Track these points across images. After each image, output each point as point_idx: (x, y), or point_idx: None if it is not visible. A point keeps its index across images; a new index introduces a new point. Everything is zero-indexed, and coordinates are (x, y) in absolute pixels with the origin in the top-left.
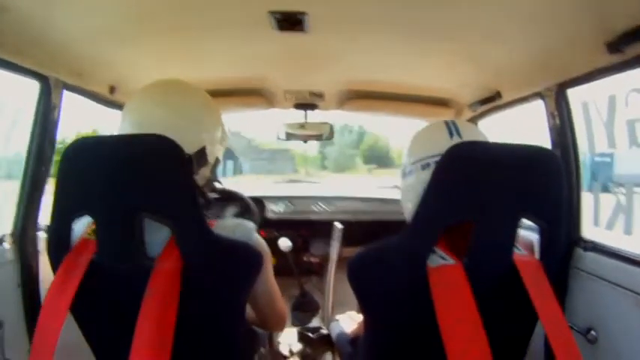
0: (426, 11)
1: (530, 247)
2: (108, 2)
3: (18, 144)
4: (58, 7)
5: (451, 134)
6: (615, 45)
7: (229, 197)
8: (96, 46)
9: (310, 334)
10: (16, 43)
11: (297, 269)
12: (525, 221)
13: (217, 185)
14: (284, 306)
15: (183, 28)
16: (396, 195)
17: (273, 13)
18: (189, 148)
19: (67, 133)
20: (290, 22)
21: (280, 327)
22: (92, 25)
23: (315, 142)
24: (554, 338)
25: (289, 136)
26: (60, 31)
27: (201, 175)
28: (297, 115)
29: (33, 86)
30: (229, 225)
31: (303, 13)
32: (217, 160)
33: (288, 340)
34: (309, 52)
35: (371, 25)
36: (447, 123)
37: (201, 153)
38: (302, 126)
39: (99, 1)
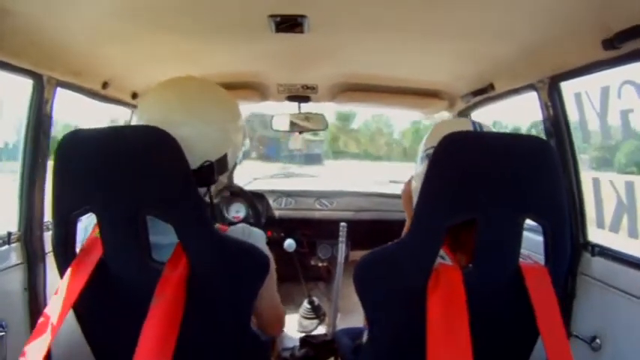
0: (421, 6)
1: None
2: (103, 3)
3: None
4: (52, 8)
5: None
6: (611, 42)
7: (233, 194)
8: (91, 45)
9: (314, 340)
10: (11, 44)
11: (304, 274)
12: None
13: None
14: (283, 310)
15: (178, 28)
16: (395, 190)
17: (273, 16)
18: (213, 155)
19: None
20: (289, 24)
21: (278, 331)
22: (88, 24)
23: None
24: (552, 350)
25: (285, 127)
26: (55, 32)
27: (219, 182)
28: (291, 107)
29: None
30: (239, 231)
31: (303, 17)
32: (235, 166)
33: (291, 346)
34: (306, 50)
35: (367, 24)
36: (473, 121)
37: (223, 160)
38: (297, 117)
39: (94, 2)
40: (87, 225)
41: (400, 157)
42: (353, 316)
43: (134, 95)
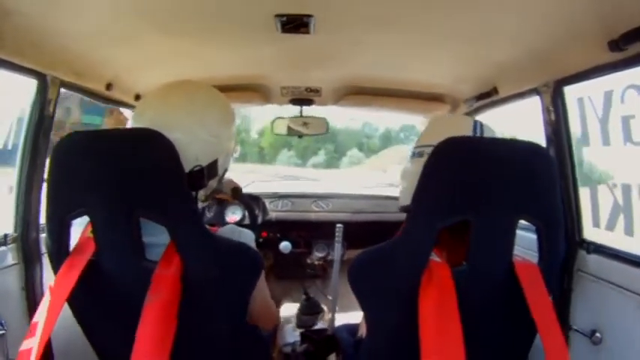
0: (425, 9)
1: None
2: (108, 4)
3: None
4: (57, 9)
5: (475, 132)
6: (617, 43)
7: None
8: (94, 46)
9: (314, 336)
10: (15, 44)
11: (301, 272)
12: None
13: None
14: (274, 306)
15: (183, 29)
16: (392, 193)
17: (279, 16)
18: (204, 159)
19: None
20: (295, 24)
21: (270, 325)
22: (91, 25)
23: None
24: (549, 346)
25: (286, 131)
26: (58, 32)
27: (209, 186)
28: (293, 110)
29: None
30: (229, 232)
31: (309, 16)
32: (225, 171)
33: (292, 340)
34: (310, 51)
35: (372, 25)
36: (474, 120)
37: (213, 165)
38: (298, 121)
39: (99, 3)
40: (78, 225)
41: (256, 159)
42: (352, 313)
43: (137, 97)
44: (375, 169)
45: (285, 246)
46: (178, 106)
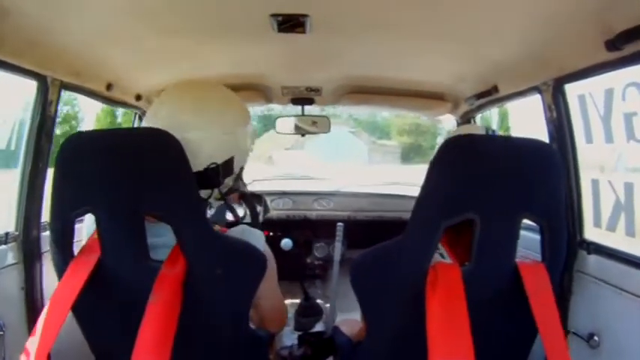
0: (424, 8)
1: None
2: (107, 4)
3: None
4: (56, 9)
5: None
6: (614, 43)
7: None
8: (94, 47)
9: (312, 339)
10: (15, 45)
11: (301, 273)
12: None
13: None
14: (285, 307)
15: (181, 29)
16: (396, 191)
17: (274, 15)
18: (219, 157)
19: None
20: (291, 24)
21: (280, 327)
22: (91, 25)
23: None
24: (550, 347)
25: (288, 130)
26: (58, 33)
27: (225, 184)
28: (295, 109)
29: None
30: (239, 232)
31: (304, 16)
32: (242, 169)
33: (290, 343)
34: (308, 51)
35: (370, 24)
36: (486, 127)
37: (229, 163)
38: (300, 120)
39: (98, 3)
40: (89, 225)
41: None
42: (351, 315)
43: (138, 97)
44: None
45: (286, 243)
46: (191, 105)
